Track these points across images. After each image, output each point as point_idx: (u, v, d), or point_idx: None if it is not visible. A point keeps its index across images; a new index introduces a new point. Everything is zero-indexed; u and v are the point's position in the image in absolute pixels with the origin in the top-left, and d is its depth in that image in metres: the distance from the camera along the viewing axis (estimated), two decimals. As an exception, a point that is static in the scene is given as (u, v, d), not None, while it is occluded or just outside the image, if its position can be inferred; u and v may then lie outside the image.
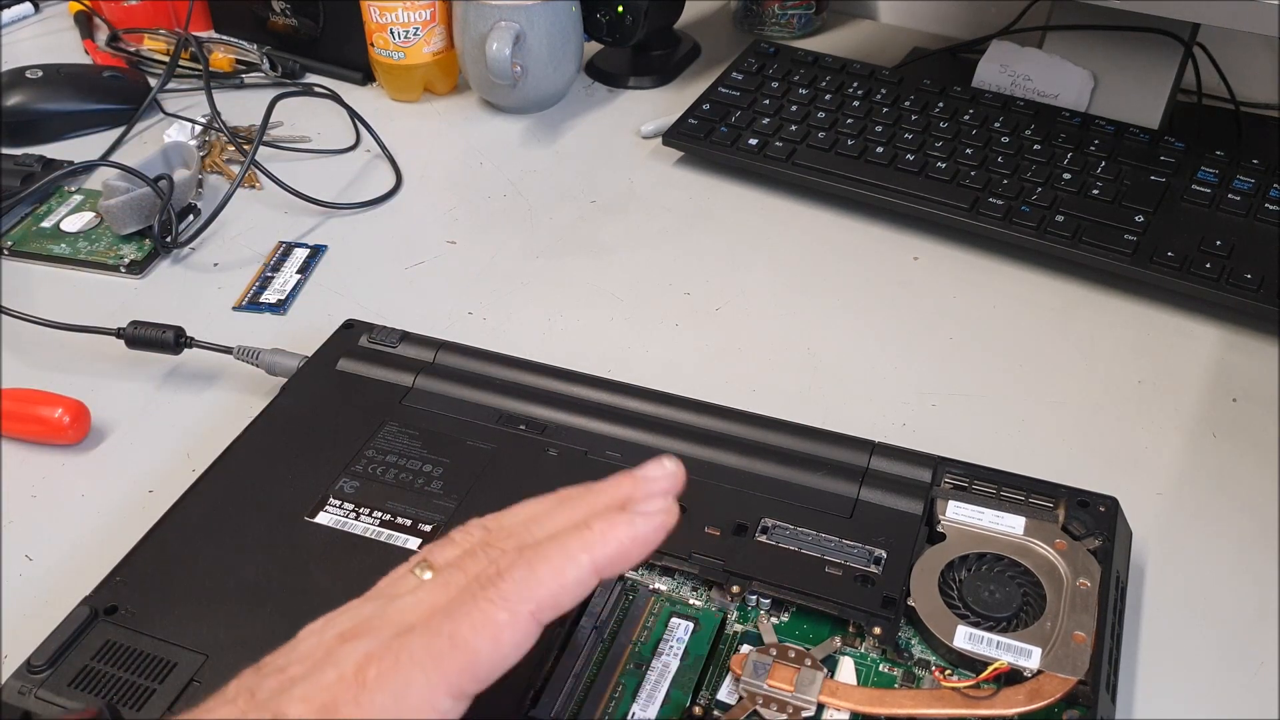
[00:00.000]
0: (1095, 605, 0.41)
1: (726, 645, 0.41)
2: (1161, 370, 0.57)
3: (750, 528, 0.44)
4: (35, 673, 0.39)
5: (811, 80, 0.75)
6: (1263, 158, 0.66)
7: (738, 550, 0.43)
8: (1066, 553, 0.43)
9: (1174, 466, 0.52)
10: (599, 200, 0.71)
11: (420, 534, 0.44)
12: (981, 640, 0.40)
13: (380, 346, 0.54)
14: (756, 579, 0.42)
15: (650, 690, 0.39)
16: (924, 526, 0.45)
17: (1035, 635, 0.40)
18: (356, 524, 0.45)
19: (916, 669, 0.40)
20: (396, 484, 0.47)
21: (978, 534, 0.44)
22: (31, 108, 0.77)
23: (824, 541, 0.44)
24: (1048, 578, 0.42)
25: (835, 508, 0.45)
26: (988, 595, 0.42)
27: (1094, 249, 0.62)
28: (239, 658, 0.38)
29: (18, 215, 0.68)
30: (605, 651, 0.41)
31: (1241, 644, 0.44)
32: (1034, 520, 0.45)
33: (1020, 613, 0.41)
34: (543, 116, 0.80)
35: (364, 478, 0.47)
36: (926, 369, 0.58)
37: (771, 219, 0.69)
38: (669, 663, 0.40)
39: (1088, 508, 0.45)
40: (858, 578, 0.42)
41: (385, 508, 0.46)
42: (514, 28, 0.73)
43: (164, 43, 0.85)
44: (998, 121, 0.70)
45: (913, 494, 0.46)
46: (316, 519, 0.45)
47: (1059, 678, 0.39)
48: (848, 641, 0.41)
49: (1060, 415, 0.55)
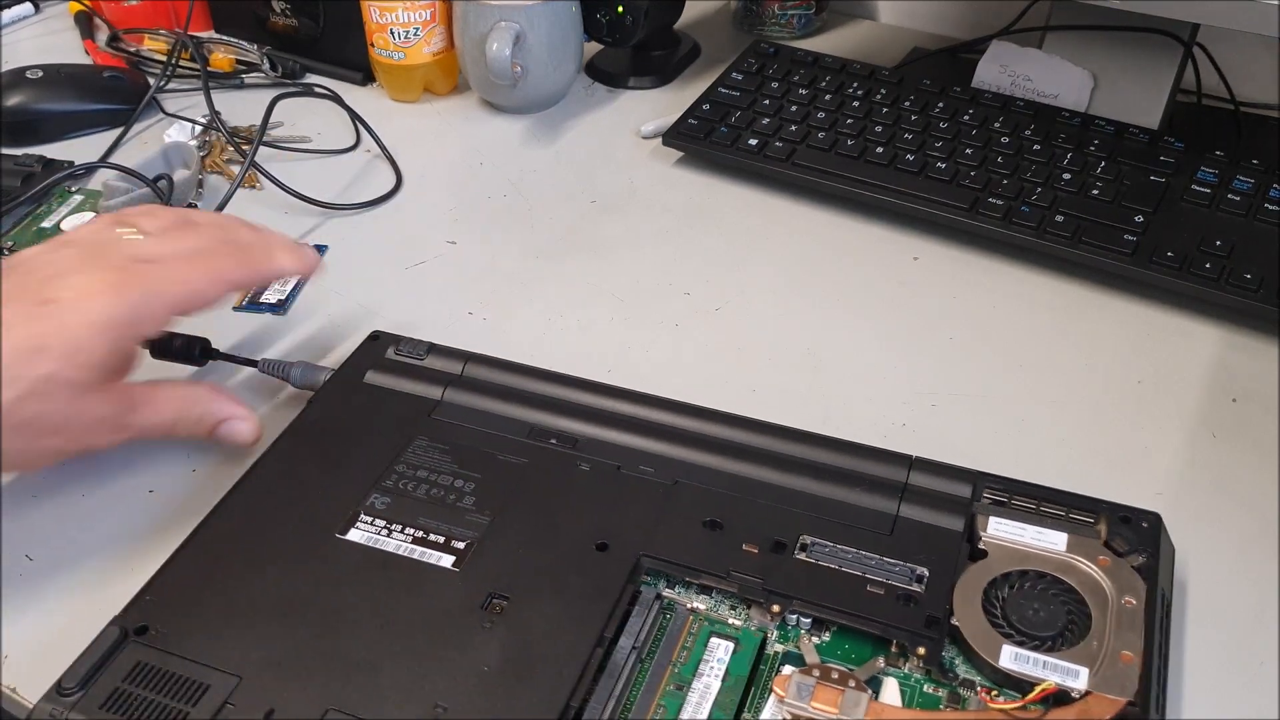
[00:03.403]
0: (1142, 623, 0.40)
1: (768, 665, 0.41)
2: (1161, 370, 0.57)
3: (789, 545, 0.44)
4: (66, 694, 0.38)
5: (811, 80, 0.75)
6: (1262, 158, 0.66)
7: (777, 568, 0.43)
8: (1110, 569, 0.42)
9: (1174, 466, 0.52)
10: (599, 200, 0.71)
11: (454, 551, 0.44)
12: (1028, 660, 0.40)
13: (407, 359, 0.53)
14: (797, 598, 0.42)
15: (692, 711, 0.39)
16: (965, 543, 0.44)
17: (1082, 655, 0.40)
18: (389, 541, 0.44)
19: (961, 689, 0.40)
20: (428, 499, 0.46)
21: (1020, 551, 0.44)
22: (31, 108, 0.77)
23: (865, 559, 0.43)
24: (1092, 595, 0.42)
25: (875, 524, 0.45)
26: (1032, 614, 0.41)
27: (1094, 249, 0.62)
28: (272, 678, 0.39)
29: (18, 215, 0.68)
30: (645, 672, 0.40)
31: (1241, 644, 0.44)
32: (1076, 536, 0.44)
33: (1066, 631, 0.41)
34: (543, 116, 0.80)
35: (395, 493, 0.46)
36: (926, 369, 0.58)
37: (771, 219, 0.69)
38: (710, 684, 0.40)
39: (1130, 524, 0.44)
40: (900, 596, 0.42)
41: (417, 524, 0.45)
42: (514, 28, 0.73)
43: (164, 43, 0.85)
44: (997, 122, 0.70)
45: (953, 510, 0.45)
46: (348, 536, 0.45)
47: (1108, 699, 0.38)
48: (891, 661, 0.41)
49: (1060, 415, 0.55)
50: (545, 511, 0.45)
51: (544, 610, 0.41)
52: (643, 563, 0.43)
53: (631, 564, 0.43)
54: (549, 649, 0.40)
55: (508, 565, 0.43)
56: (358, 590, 0.42)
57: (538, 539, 0.44)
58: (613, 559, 0.43)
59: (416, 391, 0.52)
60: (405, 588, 0.42)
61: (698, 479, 0.47)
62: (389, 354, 0.54)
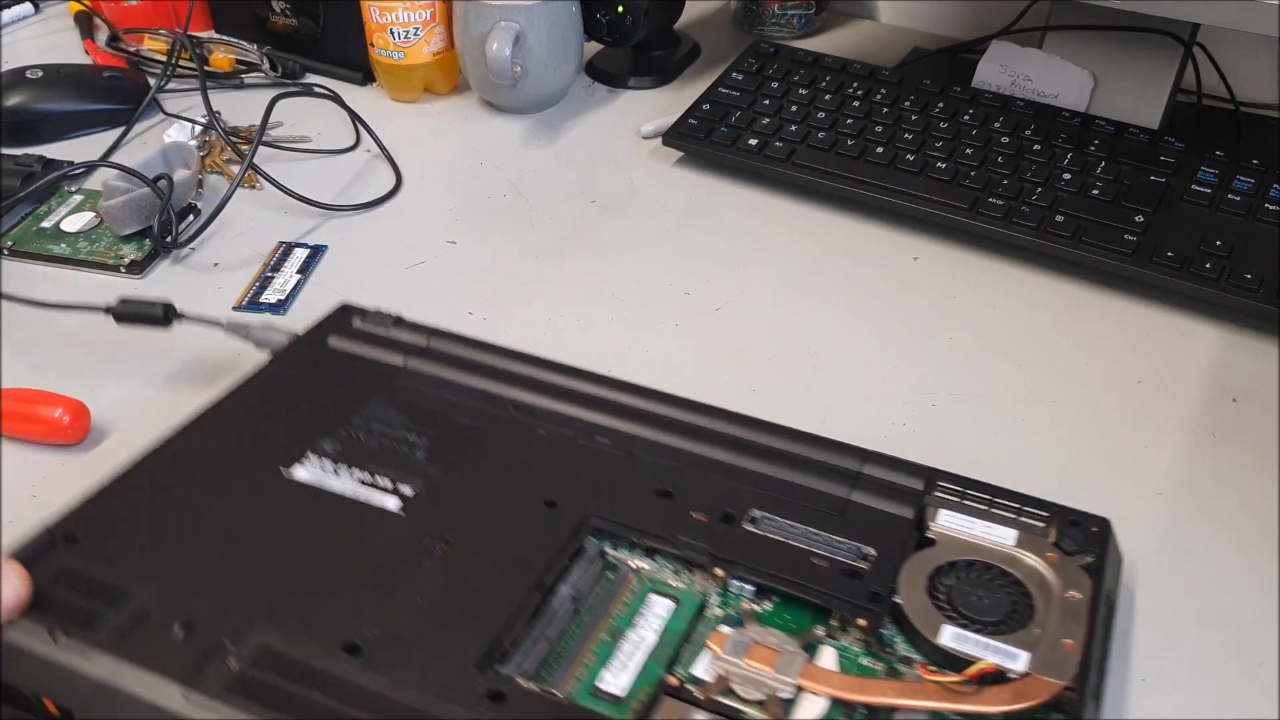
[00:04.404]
0: (1086, 615, 0.40)
1: (706, 628, 0.40)
2: (1161, 370, 0.57)
3: (738, 517, 0.43)
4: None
5: (811, 80, 0.75)
6: (1263, 158, 0.66)
7: (724, 537, 0.42)
8: (1058, 566, 0.42)
9: (1174, 466, 0.52)
10: (599, 200, 0.71)
11: (401, 496, 0.43)
12: (967, 640, 0.39)
13: (373, 329, 0.53)
14: (741, 564, 0.41)
15: (624, 660, 0.38)
16: (914, 531, 0.44)
17: (1023, 640, 0.39)
18: (335, 480, 0.44)
19: (900, 665, 0.39)
20: (380, 449, 0.45)
21: (968, 542, 0.43)
22: (31, 108, 0.77)
23: (813, 535, 0.43)
24: (1037, 588, 0.41)
25: (826, 506, 0.44)
26: (976, 599, 0.41)
27: (1094, 249, 0.62)
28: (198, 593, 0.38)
29: (18, 215, 0.68)
30: (580, 622, 0.40)
31: (1241, 644, 0.44)
32: (1026, 534, 0.43)
33: (1008, 619, 0.40)
34: (543, 116, 0.80)
35: (347, 441, 0.46)
36: (926, 369, 0.58)
37: (771, 219, 0.69)
38: (645, 636, 0.39)
39: (1079, 527, 0.44)
40: (845, 571, 0.41)
41: (366, 468, 0.44)
42: (514, 28, 0.73)
43: (164, 43, 0.85)
44: (998, 121, 0.70)
45: (904, 500, 0.45)
46: (294, 473, 0.44)
47: (1046, 681, 0.38)
48: (830, 633, 0.40)
49: (1060, 415, 0.55)
50: (497, 469, 0.45)
51: (486, 555, 0.41)
52: (590, 522, 0.43)
53: (578, 522, 0.43)
54: (486, 588, 0.39)
55: (454, 513, 0.42)
56: (298, 524, 0.42)
57: (487, 492, 0.44)
58: (560, 516, 0.43)
59: (379, 358, 0.51)
60: (347, 524, 0.41)
61: (653, 453, 0.46)
62: (355, 323, 0.54)
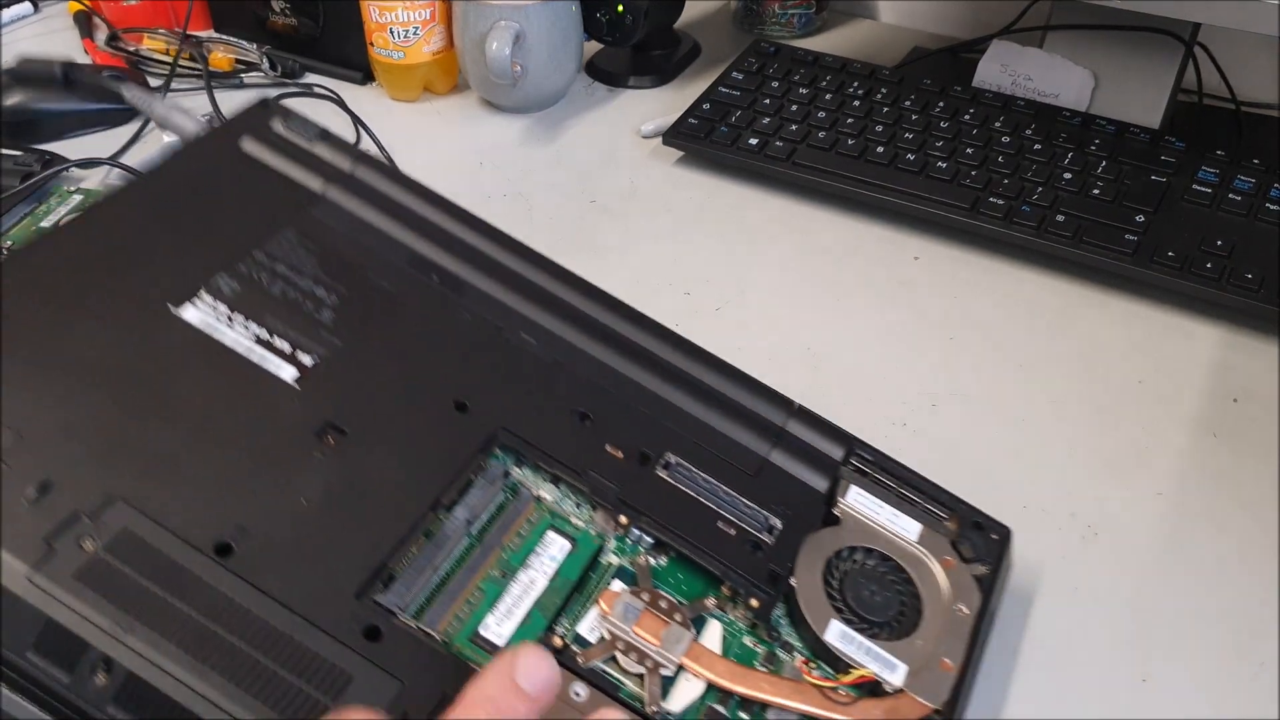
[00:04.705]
0: (969, 635, 0.39)
1: (598, 576, 0.39)
2: (1161, 370, 0.57)
3: (653, 459, 0.41)
4: None
5: (812, 80, 0.75)
6: (1263, 158, 0.66)
7: (635, 480, 0.40)
8: (953, 573, 0.41)
9: (1174, 466, 0.52)
10: (599, 200, 0.71)
11: (298, 365, 0.38)
12: (853, 641, 0.38)
13: (295, 138, 0.47)
14: (649, 516, 0.39)
15: (510, 605, 0.36)
16: (824, 506, 0.43)
17: (905, 650, 0.38)
18: (227, 331, 0.38)
19: (780, 651, 0.39)
20: (282, 299, 0.40)
21: (872, 529, 0.42)
22: (31, 108, 0.77)
23: (723, 495, 0.41)
24: (929, 593, 0.41)
25: (743, 461, 0.43)
26: (868, 595, 0.40)
27: (1094, 249, 0.62)
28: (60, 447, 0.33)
29: (18, 215, 0.68)
30: (471, 550, 0.37)
31: (1242, 644, 0.44)
32: (929, 530, 0.43)
33: (894, 622, 0.40)
34: (543, 116, 0.80)
35: (246, 281, 0.40)
36: (926, 369, 0.58)
37: (771, 219, 0.69)
38: (536, 579, 0.37)
39: (981, 531, 0.43)
40: (749, 542, 0.40)
41: (263, 322, 0.39)
42: (514, 27, 0.73)
43: (164, 42, 0.85)
44: (998, 121, 0.70)
45: (822, 469, 0.43)
46: (183, 313, 0.38)
47: (918, 702, 0.37)
48: (719, 604, 0.39)
49: (1060, 415, 0.55)
50: (409, 350, 0.40)
51: (382, 456, 0.37)
52: (499, 436, 0.40)
53: (488, 434, 0.39)
54: (378, 499, 0.36)
55: (354, 397, 0.38)
56: (181, 377, 0.36)
57: (394, 378, 0.39)
58: (469, 422, 0.39)
59: (296, 177, 0.45)
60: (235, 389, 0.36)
61: (580, 365, 0.43)
62: (276, 126, 0.47)
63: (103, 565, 0.31)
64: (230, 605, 0.32)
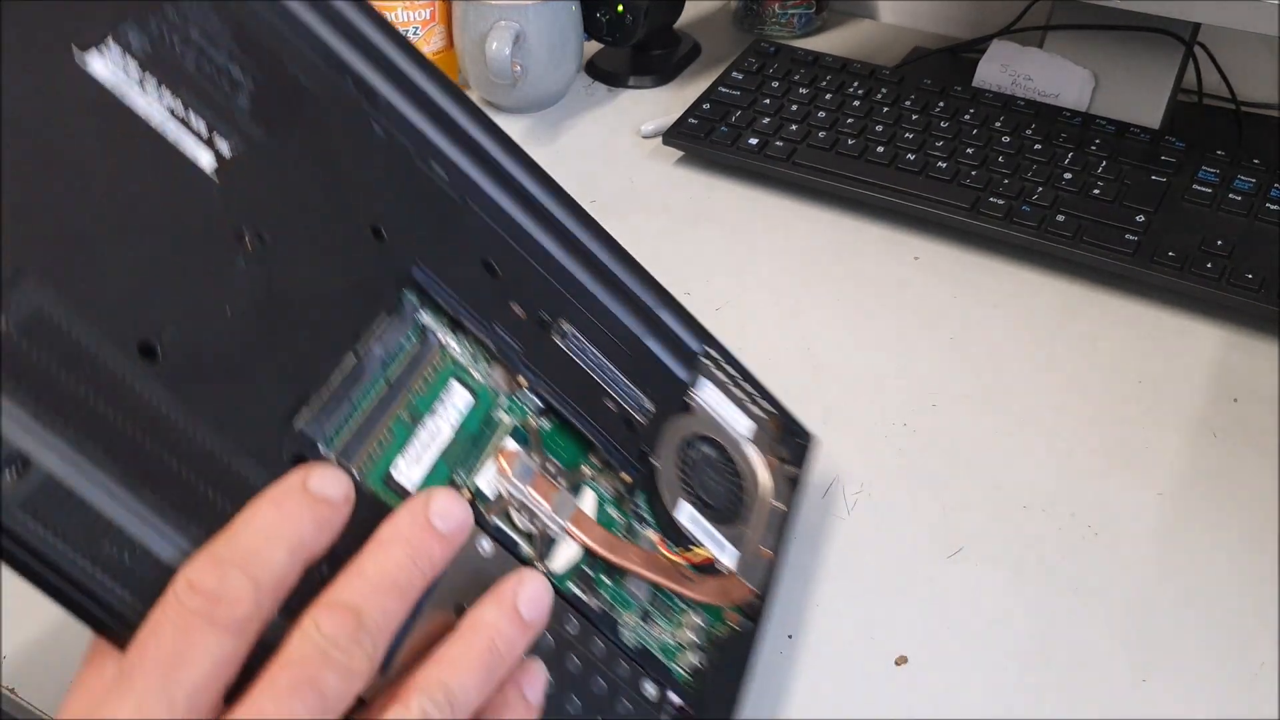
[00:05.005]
0: (781, 529, 0.44)
1: (492, 431, 0.38)
2: (1161, 370, 0.57)
3: (550, 325, 0.41)
4: None
5: (812, 80, 0.75)
6: (1263, 158, 0.66)
7: (535, 341, 0.40)
8: (774, 472, 0.46)
9: (1174, 466, 0.52)
10: (599, 200, 0.71)
11: (217, 154, 0.34)
12: (698, 523, 0.42)
13: None
14: (546, 380, 0.40)
15: (419, 451, 0.36)
16: (682, 395, 0.45)
17: (734, 536, 0.43)
18: (139, 95, 0.33)
19: (636, 524, 0.41)
20: (196, 72, 0.35)
21: (715, 420, 0.46)
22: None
23: (608, 371, 0.42)
24: (754, 488, 0.45)
25: (623, 341, 0.44)
26: (710, 481, 0.43)
27: (1095, 249, 0.62)
28: None
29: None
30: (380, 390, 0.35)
31: (1242, 644, 0.44)
32: (759, 430, 0.47)
33: (727, 510, 0.44)
34: (543, 116, 0.80)
35: (158, 42, 0.34)
36: (926, 369, 0.58)
37: (771, 219, 0.69)
38: (442, 428, 0.36)
39: (795, 437, 0.47)
40: (626, 420, 0.42)
41: (178, 93, 0.34)
42: (514, 27, 0.73)
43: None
44: (998, 121, 0.70)
45: (681, 357, 0.46)
46: (90, 62, 0.32)
47: (743, 584, 0.42)
48: (594, 475, 0.41)
49: (1060, 415, 0.55)
50: (326, 159, 0.37)
51: (304, 273, 0.34)
52: (413, 273, 0.38)
53: (402, 269, 0.37)
54: (301, 320, 0.34)
55: (274, 200, 0.35)
56: (89, 143, 0.31)
57: (313, 187, 0.36)
58: (386, 253, 0.37)
59: None
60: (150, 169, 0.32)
61: (486, 210, 0.42)
62: None
63: (16, 348, 0.27)
64: (156, 415, 0.29)
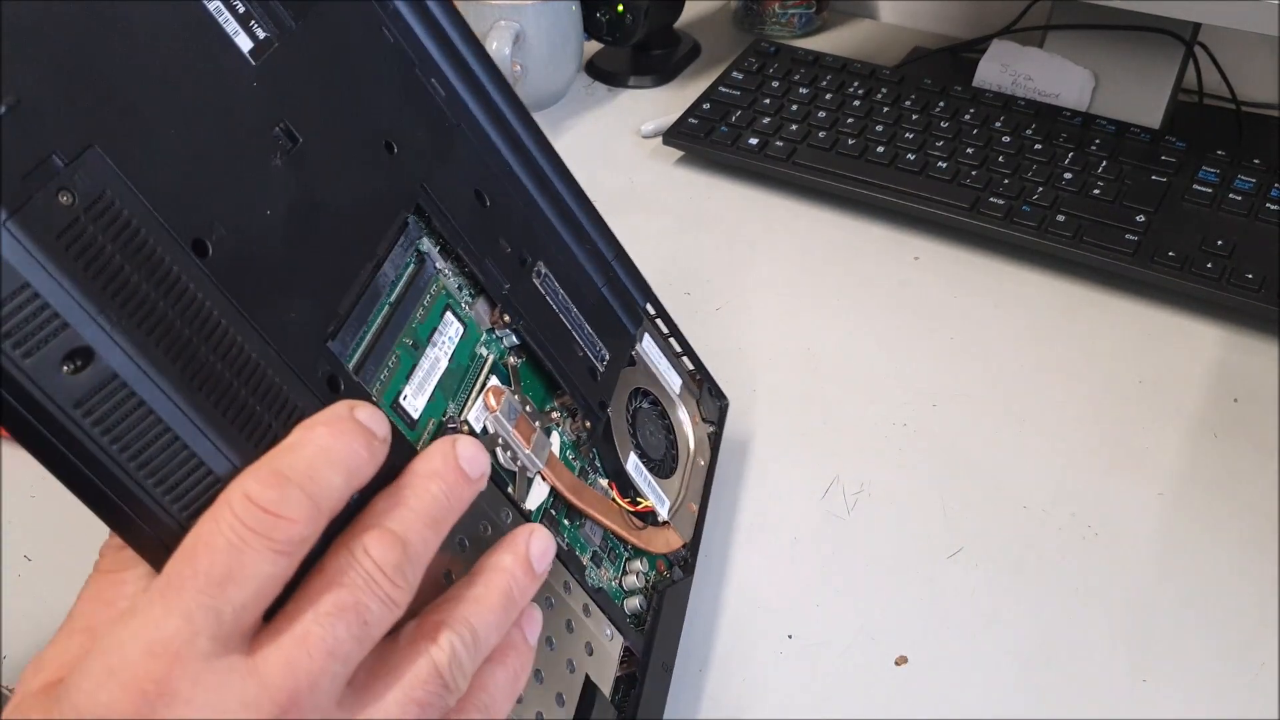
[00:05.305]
0: (703, 484, 0.47)
1: (475, 366, 0.39)
2: (1161, 370, 0.57)
3: (530, 264, 0.41)
4: None
5: (812, 80, 0.75)
6: (1264, 157, 0.66)
7: (518, 280, 0.40)
8: (697, 428, 0.49)
9: (1174, 466, 0.52)
10: (599, 200, 0.71)
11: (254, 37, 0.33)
12: (642, 474, 0.44)
13: None
14: (529, 319, 0.40)
15: (421, 379, 0.36)
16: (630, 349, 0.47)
17: (669, 489, 0.45)
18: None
19: (590, 470, 0.43)
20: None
21: (654, 375, 0.48)
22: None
23: (575, 317, 0.43)
24: (683, 443, 0.48)
25: (587, 291, 0.45)
26: (650, 435, 0.46)
27: (1095, 249, 0.62)
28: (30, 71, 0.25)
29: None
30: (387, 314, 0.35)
31: (1241, 644, 0.44)
32: (686, 388, 0.50)
33: (663, 463, 0.46)
34: (543, 116, 0.80)
35: None
36: (926, 369, 0.58)
37: (771, 219, 0.69)
38: (440, 359, 0.37)
39: (713, 397, 0.51)
40: (589, 369, 0.43)
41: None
42: (514, 27, 0.73)
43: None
44: (998, 121, 0.70)
45: (630, 312, 0.47)
46: None
47: (676, 534, 0.44)
48: (558, 419, 0.42)
49: (1060, 415, 0.55)
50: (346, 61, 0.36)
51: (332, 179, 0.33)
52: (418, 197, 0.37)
53: (410, 190, 0.36)
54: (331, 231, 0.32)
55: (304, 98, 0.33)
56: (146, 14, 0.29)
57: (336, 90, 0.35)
58: (397, 170, 0.36)
59: None
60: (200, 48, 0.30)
61: (477, 139, 0.41)
62: None
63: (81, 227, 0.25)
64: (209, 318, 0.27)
